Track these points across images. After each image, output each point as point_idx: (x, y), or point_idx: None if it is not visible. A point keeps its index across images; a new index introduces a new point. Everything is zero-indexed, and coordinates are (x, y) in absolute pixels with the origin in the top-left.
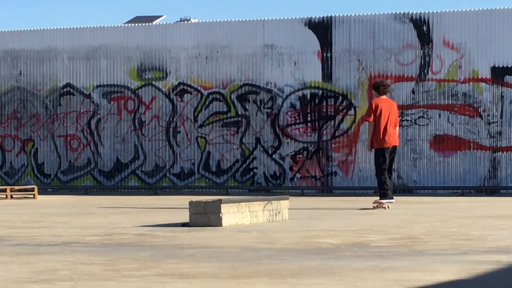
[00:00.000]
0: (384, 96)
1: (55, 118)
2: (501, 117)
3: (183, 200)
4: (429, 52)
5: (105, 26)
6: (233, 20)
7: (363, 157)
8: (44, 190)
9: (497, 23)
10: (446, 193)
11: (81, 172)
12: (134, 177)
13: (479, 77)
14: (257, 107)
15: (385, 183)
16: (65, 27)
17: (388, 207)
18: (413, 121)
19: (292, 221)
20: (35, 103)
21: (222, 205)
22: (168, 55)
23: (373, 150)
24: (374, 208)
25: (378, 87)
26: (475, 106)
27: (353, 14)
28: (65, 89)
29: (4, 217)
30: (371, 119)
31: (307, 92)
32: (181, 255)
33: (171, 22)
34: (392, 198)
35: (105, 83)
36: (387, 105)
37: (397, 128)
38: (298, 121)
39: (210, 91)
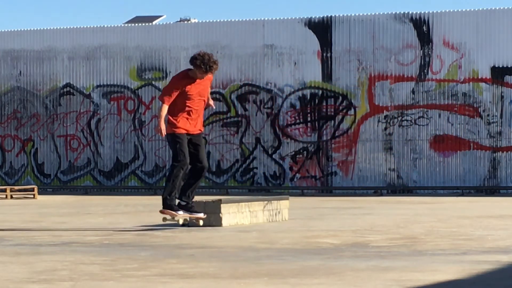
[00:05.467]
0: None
1: (55, 118)
2: (501, 117)
3: None
4: (429, 52)
5: (105, 26)
6: (233, 20)
7: (363, 157)
8: (44, 190)
9: (497, 23)
10: (446, 193)
11: (81, 172)
12: (134, 177)
13: (479, 77)
14: (257, 107)
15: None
16: (65, 27)
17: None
18: (413, 121)
19: (292, 221)
20: (35, 103)
21: (222, 205)
22: (168, 55)
23: None
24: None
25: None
26: (475, 106)
27: (353, 14)
28: (65, 89)
29: (4, 217)
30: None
31: (307, 92)
32: (181, 255)
33: (171, 22)
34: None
35: (105, 83)
36: None
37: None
38: (298, 121)
39: (210, 91)
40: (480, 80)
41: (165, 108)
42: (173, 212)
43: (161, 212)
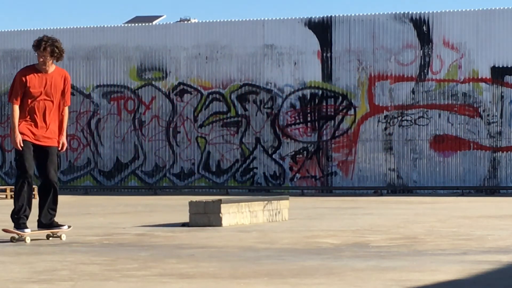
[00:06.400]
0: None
1: None
2: (501, 117)
3: (183, 200)
4: (429, 52)
5: (105, 26)
6: (233, 20)
7: (363, 157)
8: None
9: (497, 23)
10: (446, 193)
11: (81, 172)
12: (134, 177)
13: (479, 77)
14: (257, 107)
15: None
16: (65, 27)
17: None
18: (413, 121)
19: (292, 221)
20: None
21: (222, 205)
22: (168, 55)
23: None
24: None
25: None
26: (475, 106)
27: (353, 14)
28: None
29: (4, 217)
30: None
31: (307, 92)
32: (181, 255)
33: (171, 22)
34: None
35: (105, 83)
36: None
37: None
38: (298, 121)
39: (210, 91)
40: (480, 80)
41: (16, 110)
42: (19, 232)
43: (4, 230)
